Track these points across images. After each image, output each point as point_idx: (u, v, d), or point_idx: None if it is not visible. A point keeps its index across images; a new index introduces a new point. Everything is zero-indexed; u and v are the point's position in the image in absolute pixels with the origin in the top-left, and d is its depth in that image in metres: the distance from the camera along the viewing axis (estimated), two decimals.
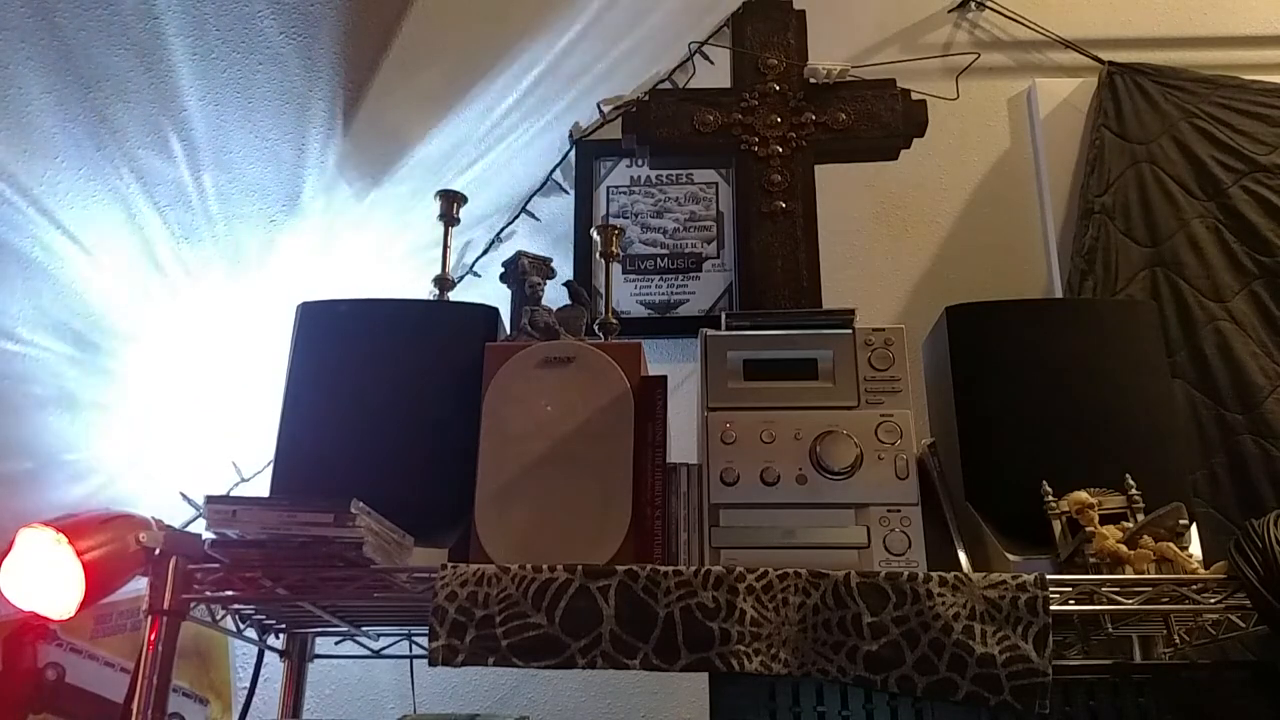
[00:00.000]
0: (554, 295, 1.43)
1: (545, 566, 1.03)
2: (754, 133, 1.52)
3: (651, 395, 1.23)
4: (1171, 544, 1.08)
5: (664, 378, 1.25)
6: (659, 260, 2.01)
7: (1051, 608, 0.98)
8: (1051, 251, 1.95)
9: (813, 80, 1.53)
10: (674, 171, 2.05)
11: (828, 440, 1.19)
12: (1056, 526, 1.14)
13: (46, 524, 1.06)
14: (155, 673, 1.04)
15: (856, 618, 0.99)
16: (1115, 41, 2.08)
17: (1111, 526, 1.11)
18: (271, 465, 1.26)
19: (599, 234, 1.49)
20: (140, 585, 1.09)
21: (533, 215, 2.02)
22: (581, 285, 1.48)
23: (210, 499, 1.06)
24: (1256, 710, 1.02)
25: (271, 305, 1.69)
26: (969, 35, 2.15)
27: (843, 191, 1.99)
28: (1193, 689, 1.03)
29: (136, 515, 1.13)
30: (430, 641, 1.00)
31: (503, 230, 2.00)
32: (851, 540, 1.16)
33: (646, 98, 1.72)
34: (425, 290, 1.45)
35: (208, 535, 1.07)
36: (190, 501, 1.30)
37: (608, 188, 2.07)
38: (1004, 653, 0.96)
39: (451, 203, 1.47)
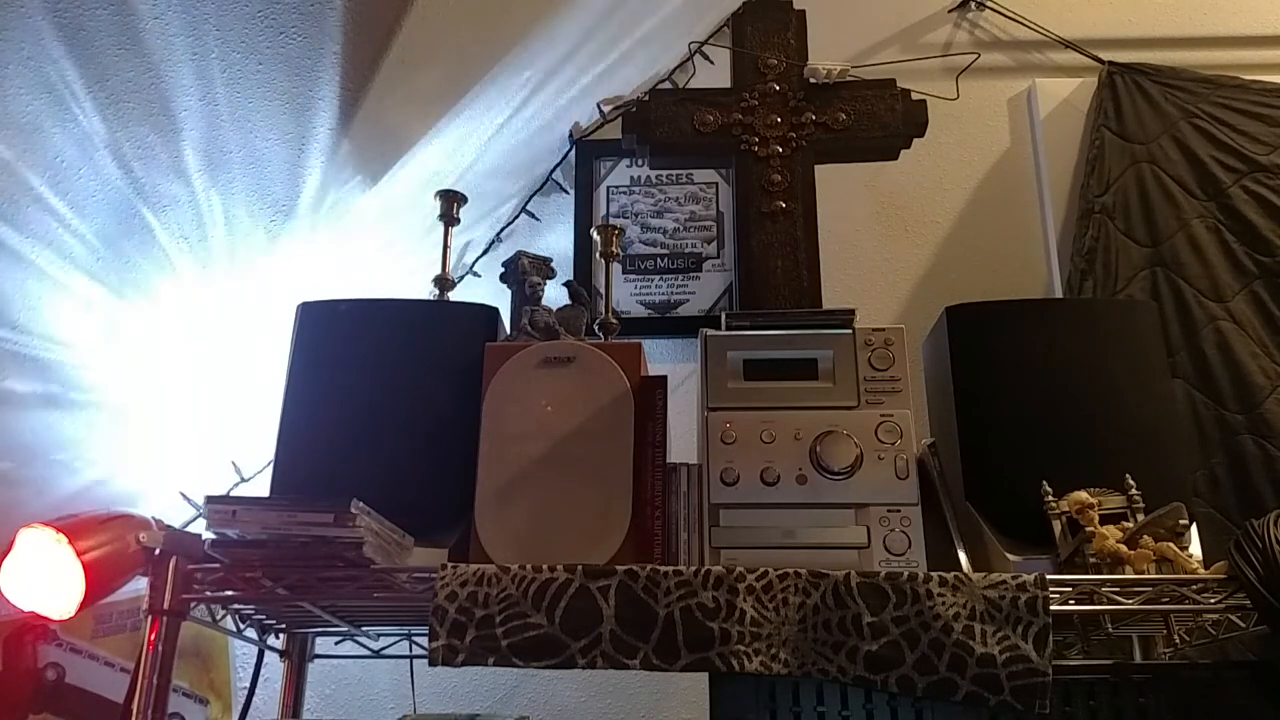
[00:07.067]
0: (554, 295, 1.44)
1: (545, 566, 1.03)
2: (754, 133, 1.52)
3: (651, 395, 1.23)
4: (1171, 544, 1.08)
5: (664, 378, 1.25)
6: (659, 260, 2.01)
7: (1051, 608, 0.98)
8: (1051, 251, 1.95)
9: (813, 80, 1.53)
10: (674, 171, 2.05)
11: (828, 440, 1.19)
12: (1056, 526, 1.14)
13: (46, 524, 1.06)
14: (155, 673, 1.04)
15: (856, 618, 0.99)
16: (1115, 41, 2.08)
17: (1111, 526, 1.11)
18: (271, 465, 1.26)
19: (599, 234, 1.49)
20: (140, 585, 1.09)
21: (533, 215, 2.02)
22: (581, 285, 1.48)
23: (210, 499, 1.06)
24: (1256, 710, 1.02)
25: (271, 305, 1.69)
26: (969, 35, 2.15)
27: (843, 191, 1.99)
28: (1193, 689, 1.03)
29: (136, 515, 1.13)
30: (430, 641, 1.00)
31: (503, 230, 2.00)
32: (851, 540, 1.16)
33: (646, 98, 1.72)
34: (425, 290, 1.45)
35: (208, 535, 1.07)
36: (190, 501, 1.30)
37: (608, 188, 2.07)
38: (1004, 653, 0.96)
39: (451, 203, 1.47)
